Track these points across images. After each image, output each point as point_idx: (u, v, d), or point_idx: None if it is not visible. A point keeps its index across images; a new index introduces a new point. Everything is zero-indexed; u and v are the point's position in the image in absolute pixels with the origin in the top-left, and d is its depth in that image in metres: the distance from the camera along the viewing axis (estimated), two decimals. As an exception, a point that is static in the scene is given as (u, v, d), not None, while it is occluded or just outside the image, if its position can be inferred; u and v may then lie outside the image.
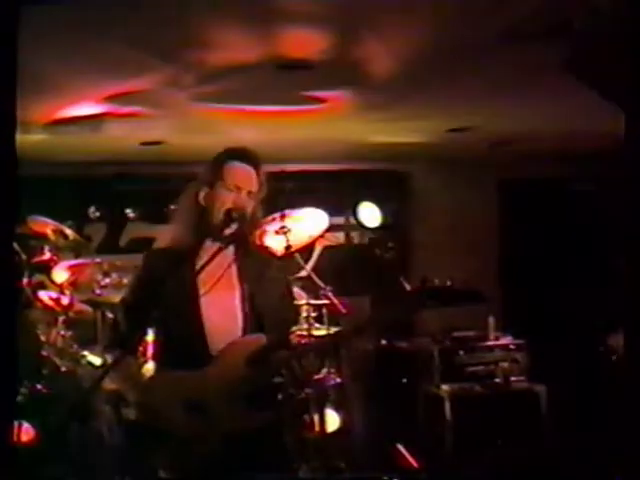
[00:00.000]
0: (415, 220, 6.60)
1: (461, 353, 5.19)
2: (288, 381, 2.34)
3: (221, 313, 2.44)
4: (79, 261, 4.56)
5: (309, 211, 3.60)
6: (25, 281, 4.29)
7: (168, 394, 2.34)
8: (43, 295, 4.36)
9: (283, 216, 3.18)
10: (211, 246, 2.44)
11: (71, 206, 5.68)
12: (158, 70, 3.62)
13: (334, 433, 4.40)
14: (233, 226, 2.41)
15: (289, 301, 2.56)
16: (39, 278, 4.63)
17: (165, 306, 2.40)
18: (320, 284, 3.00)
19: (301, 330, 2.56)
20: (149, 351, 4.00)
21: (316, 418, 4.11)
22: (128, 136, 5.05)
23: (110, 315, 4.45)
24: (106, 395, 4.00)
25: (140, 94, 4.00)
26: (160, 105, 4.30)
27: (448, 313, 5.12)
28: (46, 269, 4.48)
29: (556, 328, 5.86)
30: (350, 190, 6.26)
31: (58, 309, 4.27)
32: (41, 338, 4.29)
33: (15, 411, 3.36)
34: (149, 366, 3.92)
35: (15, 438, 3.29)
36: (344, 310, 2.69)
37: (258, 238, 2.59)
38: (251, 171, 2.52)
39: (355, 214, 5.46)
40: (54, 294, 4.30)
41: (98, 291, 4.47)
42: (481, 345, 5.26)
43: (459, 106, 4.66)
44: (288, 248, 3.01)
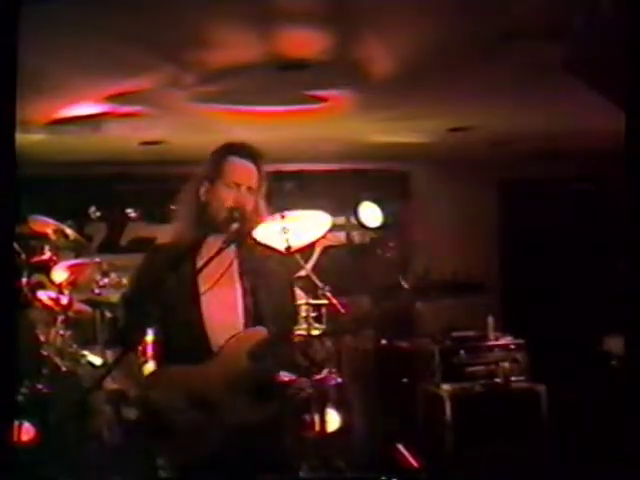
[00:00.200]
0: (415, 220, 6.60)
1: (461, 353, 5.20)
2: (303, 363, 2.34)
3: (222, 308, 2.45)
4: (78, 261, 4.56)
5: (310, 211, 3.60)
6: (24, 281, 4.29)
7: (170, 389, 2.34)
8: (42, 295, 4.36)
9: (283, 216, 3.18)
10: (213, 242, 2.44)
11: (71, 206, 5.67)
12: (158, 70, 3.62)
13: (334, 433, 4.40)
14: (234, 225, 2.41)
15: (290, 296, 2.56)
16: (38, 278, 4.63)
17: (166, 302, 2.40)
18: (319, 284, 3.00)
19: (300, 330, 2.55)
20: (149, 351, 4.01)
21: (316, 418, 4.11)
22: (128, 136, 5.05)
23: (109, 315, 4.46)
24: (106, 395, 4.00)
25: (140, 94, 4.00)
26: (160, 105, 4.30)
27: (448, 312, 5.14)
28: (45, 269, 4.47)
29: (556, 328, 5.86)
30: (350, 190, 6.26)
31: (57, 309, 4.27)
32: (40, 338, 4.29)
33: (15, 411, 3.36)
34: (149, 366, 3.93)
35: (15, 438, 3.29)
36: (344, 310, 2.68)
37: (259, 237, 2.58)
38: (251, 167, 2.51)
39: (356, 214, 5.46)
40: (53, 294, 4.30)
41: (97, 291, 4.47)
42: (481, 345, 5.26)
43: (459, 106, 4.66)
44: (288, 248, 3.00)
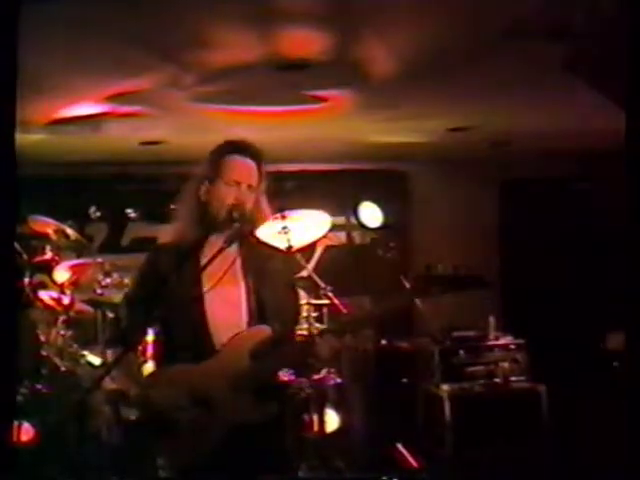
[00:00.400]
0: (416, 220, 6.60)
1: (461, 353, 5.20)
2: (312, 362, 2.34)
3: (226, 307, 2.44)
4: (80, 261, 4.56)
5: (310, 211, 3.60)
6: (26, 281, 4.29)
7: (172, 388, 2.34)
8: (43, 295, 4.36)
9: (284, 216, 3.18)
10: (215, 241, 2.44)
11: (71, 206, 5.68)
12: (158, 70, 3.62)
13: (334, 433, 4.40)
14: (236, 224, 2.41)
15: (293, 294, 2.56)
16: (40, 278, 4.63)
17: (169, 302, 2.39)
18: (321, 284, 3.00)
19: (301, 330, 2.55)
20: (149, 351, 4.02)
21: (316, 418, 4.11)
22: (128, 136, 5.05)
23: (111, 315, 4.46)
24: (106, 395, 4.00)
25: (140, 94, 4.00)
26: (160, 105, 4.30)
27: (449, 312, 5.14)
28: (47, 269, 4.47)
29: (556, 328, 5.86)
30: (351, 190, 6.26)
31: (58, 309, 4.27)
32: (41, 338, 4.29)
33: (15, 411, 3.36)
34: (149, 366, 3.94)
35: (15, 438, 3.29)
36: (345, 310, 2.68)
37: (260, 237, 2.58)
38: (250, 164, 2.50)
39: (356, 214, 5.46)
40: (54, 294, 4.30)
41: (99, 291, 4.47)
42: (481, 345, 5.26)
43: (460, 105, 4.66)
44: (289, 248, 3.00)
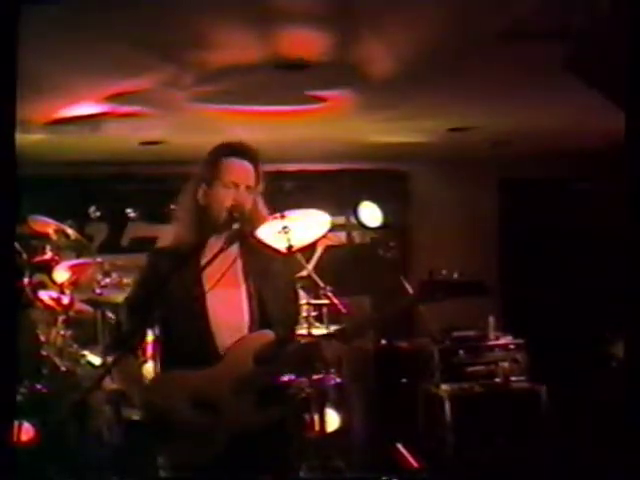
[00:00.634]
0: (416, 220, 6.60)
1: (461, 353, 5.20)
2: (318, 367, 2.34)
3: (227, 310, 2.43)
4: (80, 261, 4.56)
5: (310, 211, 3.60)
6: (26, 281, 4.29)
7: (176, 392, 2.34)
8: (43, 295, 4.36)
9: (284, 216, 3.18)
10: (215, 243, 2.44)
11: (71, 206, 5.68)
12: (158, 70, 3.62)
13: (334, 433, 4.40)
14: (235, 226, 2.41)
15: (294, 295, 2.56)
16: (40, 278, 4.63)
17: (170, 305, 2.39)
18: (320, 284, 3.00)
19: (301, 330, 2.56)
20: (148, 351, 4.02)
21: (316, 418, 4.12)
22: (128, 136, 5.05)
23: (110, 315, 4.46)
24: (106, 395, 4.00)
25: (140, 94, 4.00)
26: (160, 105, 4.30)
27: (448, 312, 5.14)
28: (47, 269, 4.48)
29: (556, 328, 5.86)
30: (350, 190, 6.26)
31: (58, 309, 4.27)
32: (41, 338, 4.29)
33: (15, 411, 3.36)
34: (148, 366, 3.94)
35: (15, 438, 3.29)
36: (344, 310, 2.69)
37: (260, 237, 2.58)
38: (248, 165, 2.49)
39: (356, 214, 5.46)
40: (54, 294, 4.30)
41: (98, 291, 4.47)
42: (481, 345, 5.26)
43: (460, 105, 4.66)
44: (290, 248, 3.01)
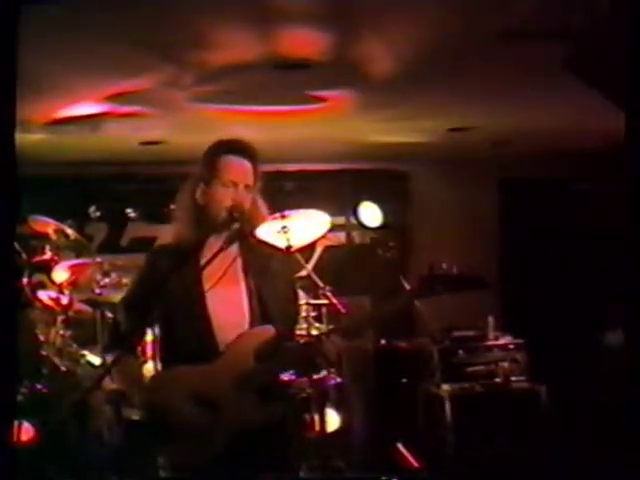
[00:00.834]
0: (416, 220, 6.60)
1: (461, 353, 5.19)
2: (320, 363, 2.34)
3: (227, 308, 2.44)
4: (79, 261, 4.56)
5: (310, 211, 3.60)
6: (25, 281, 4.29)
7: (176, 390, 2.34)
8: (42, 295, 4.36)
9: (284, 216, 3.18)
10: (214, 242, 2.44)
11: (71, 206, 5.68)
12: (158, 70, 3.62)
13: (334, 433, 4.40)
14: (235, 225, 2.41)
15: (294, 294, 2.56)
16: (39, 278, 4.63)
17: (170, 303, 2.40)
18: (320, 284, 3.00)
19: (300, 330, 2.56)
20: (148, 351, 4.02)
21: (316, 418, 4.11)
22: (128, 136, 5.05)
23: (110, 315, 4.46)
24: (106, 395, 4.00)
25: (140, 94, 4.00)
26: (160, 105, 4.30)
27: (448, 312, 5.14)
28: (46, 269, 4.47)
29: (556, 328, 5.86)
30: (350, 190, 6.26)
31: (57, 309, 4.27)
32: (40, 338, 4.29)
33: (15, 411, 3.36)
34: (149, 366, 3.94)
35: (15, 438, 3.29)
36: (344, 310, 2.68)
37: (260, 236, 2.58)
38: (246, 164, 2.49)
39: (356, 214, 5.46)
40: (53, 294, 4.30)
41: (98, 290, 4.47)
42: (481, 345, 5.26)
43: (460, 106, 4.66)
44: (289, 248, 3.01)
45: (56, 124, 4.52)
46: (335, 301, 2.38)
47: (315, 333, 2.33)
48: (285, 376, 2.53)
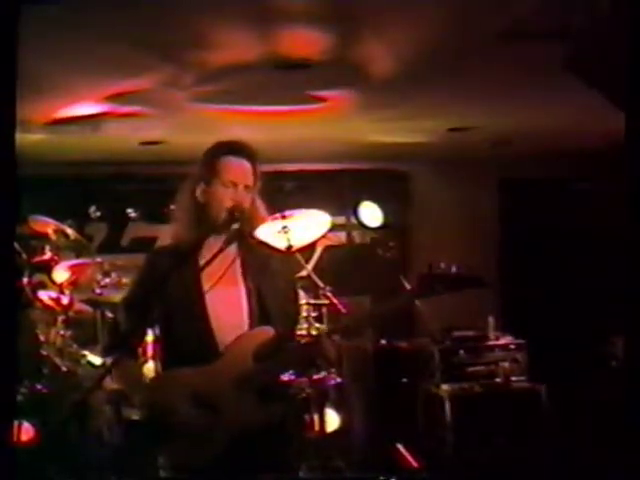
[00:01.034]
0: (416, 220, 6.60)
1: (461, 353, 5.20)
2: (320, 364, 2.34)
3: (227, 308, 2.44)
4: (80, 261, 4.56)
5: (310, 211, 3.60)
6: (25, 281, 4.29)
7: (176, 390, 2.34)
8: (43, 295, 4.36)
9: (284, 216, 3.18)
10: (214, 243, 2.43)
11: (71, 206, 5.68)
12: (158, 70, 3.62)
13: (334, 433, 4.40)
14: (235, 225, 2.41)
15: (294, 294, 2.56)
16: (39, 278, 4.63)
17: (170, 304, 2.40)
18: (320, 284, 3.00)
19: (301, 330, 2.56)
20: (149, 351, 4.02)
21: (316, 418, 4.11)
22: (128, 136, 5.05)
23: (110, 315, 4.46)
24: (106, 395, 4.00)
25: (140, 94, 4.00)
26: (160, 105, 4.30)
27: (448, 311, 5.14)
28: (46, 269, 4.48)
29: (556, 328, 5.86)
30: (350, 190, 6.26)
31: (58, 309, 4.27)
32: (41, 338, 4.29)
33: (15, 411, 3.36)
34: (149, 366, 3.94)
35: (15, 438, 3.29)
36: (344, 310, 2.68)
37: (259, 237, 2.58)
38: (246, 164, 2.50)
39: (356, 214, 5.47)
40: (54, 294, 4.30)
41: (98, 290, 4.47)
42: (481, 345, 5.26)
43: (460, 106, 4.66)
44: (289, 248, 3.01)
45: (56, 124, 4.52)
46: (335, 301, 2.38)
47: (315, 333, 2.32)
48: (285, 376, 2.53)
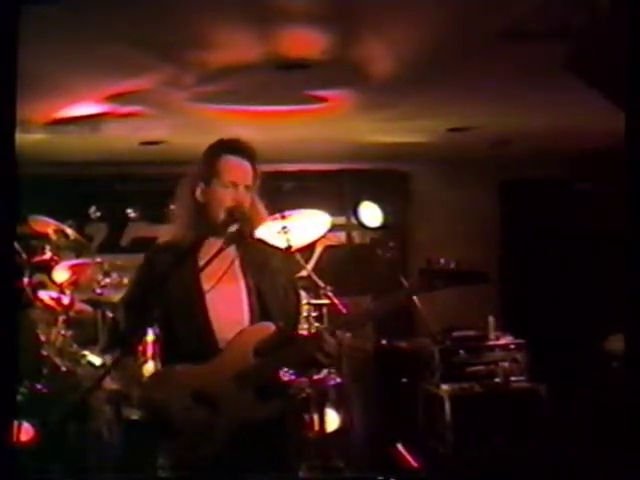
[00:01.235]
0: (416, 220, 6.60)
1: (461, 353, 5.20)
2: (323, 361, 2.33)
3: (227, 306, 2.43)
4: (80, 261, 4.56)
5: (310, 211, 3.61)
6: (26, 281, 4.29)
7: (176, 388, 2.34)
8: (43, 295, 4.37)
9: (284, 216, 3.19)
10: (214, 242, 2.43)
11: (71, 206, 5.68)
12: (158, 70, 3.62)
13: (334, 433, 4.41)
14: (235, 225, 2.41)
15: (294, 293, 2.56)
16: (40, 278, 4.64)
17: (170, 303, 2.39)
18: (320, 284, 3.01)
19: (301, 329, 2.57)
20: (149, 351, 4.02)
21: (316, 418, 4.12)
22: (128, 136, 5.05)
23: (110, 315, 4.46)
24: (106, 395, 4.00)
25: (140, 94, 4.00)
26: (160, 105, 4.30)
27: (449, 311, 5.14)
28: (47, 269, 4.48)
29: (556, 328, 5.86)
30: (351, 190, 6.27)
31: (58, 309, 4.27)
32: (41, 338, 4.29)
33: (15, 411, 3.36)
34: (149, 366, 3.94)
35: (15, 438, 3.29)
36: (344, 310, 2.69)
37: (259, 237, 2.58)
38: (246, 164, 2.49)
39: (356, 214, 5.46)
40: (54, 294, 4.31)
41: (98, 290, 4.48)
42: (481, 345, 5.26)
43: (459, 105, 4.66)
44: (289, 248, 3.01)
45: (56, 124, 4.52)
46: (336, 301, 2.39)
47: (315, 331, 2.33)
48: (285, 376, 2.53)
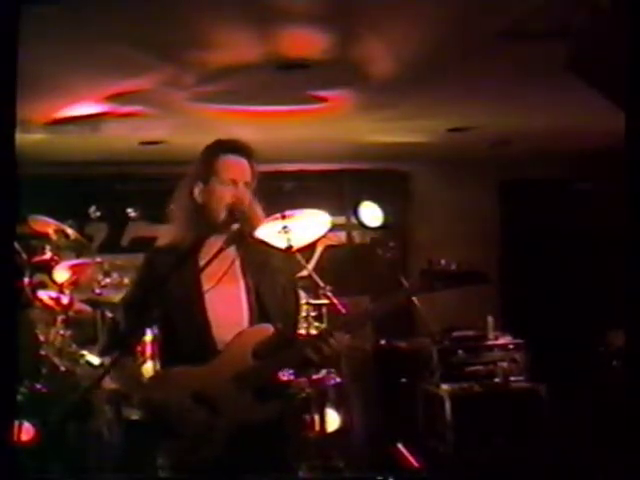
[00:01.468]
0: (416, 220, 6.60)
1: (460, 353, 5.20)
2: (317, 361, 2.33)
3: (226, 307, 2.43)
4: (80, 261, 4.56)
5: (310, 211, 3.61)
6: (26, 281, 4.29)
7: (175, 389, 2.34)
8: (43, 294, 4.36)
9: (284, 216, 3.19)
10: (214, 242, 2.43)
11: (71, 206, 5.67)
12: (158, 70, 3.62)
13: (334, 433, 4.41)
14: (236, 224, 2.41)
15: (294, 293, 2.56)
16: (39, 278, 4.63)
17: (169, 304, 2.39)
18: (320, 284, 3.01)
19: (301, 329, 2.56)
20: (147, 351, 4.02)
21: (316, 418, 4.12)
22: (128, 136, 5.05)
23: (110, 315, 4.46)
24: (106, 394, 4.00)
25: (140, 94, 4.00)
26: (160, 105, 4.30)
27: (448, 311, 5.14)
28: (47, 269, 4.48)
29: (556, 328, 5.86)
30: (351, 190, 6.27)
31: (58, 308, 4.27)
32: (40, 338, 4.29)
33: (15, 411, 3.36)
34: (148, 366, 3.95)
35: (15, 438, 3.29)
36: (344, 310, 2.69)
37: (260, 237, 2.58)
38: (244, 162, 2.50)
39: (356, 214, 5.46)
40: (54, 293, 4.30)
41: (98, 290, 4.47)
42: (480, 345, 5.26)
43: (459, 105, 4.66)
44: (290, 248, 3.01)
45: (56, 124, 4.52)
46: (335, 301, 2.39)
47: (314, 332, 2.33)
48: (284, 376, 2.53)
